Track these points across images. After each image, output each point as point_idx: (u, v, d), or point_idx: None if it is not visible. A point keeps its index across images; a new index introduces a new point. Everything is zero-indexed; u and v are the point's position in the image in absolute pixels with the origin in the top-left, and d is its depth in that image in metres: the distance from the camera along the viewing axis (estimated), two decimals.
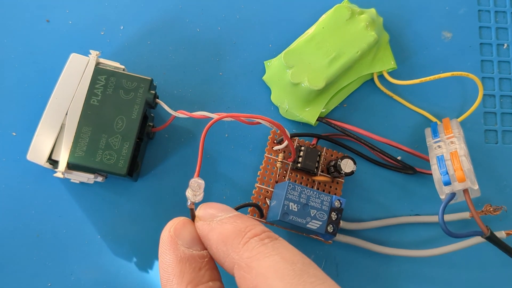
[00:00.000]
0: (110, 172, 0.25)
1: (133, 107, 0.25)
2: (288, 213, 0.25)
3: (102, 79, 0.25)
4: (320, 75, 0.27)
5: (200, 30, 0.31)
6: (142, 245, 0.28)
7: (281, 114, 0.30)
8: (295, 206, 0.25)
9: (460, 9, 0.32)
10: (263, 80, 0.30)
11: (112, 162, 0.25)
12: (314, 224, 0.25)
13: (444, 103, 0.31)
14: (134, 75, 0.26)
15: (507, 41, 0.32)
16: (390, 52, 0.30)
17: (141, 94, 0.25)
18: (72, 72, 0.26)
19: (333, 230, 0.25)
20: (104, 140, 0.25)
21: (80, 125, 0.25)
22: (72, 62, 0.26)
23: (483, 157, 0.31)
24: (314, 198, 0.25)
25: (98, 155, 0.25)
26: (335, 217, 0.25)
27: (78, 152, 0.25)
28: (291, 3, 0.31)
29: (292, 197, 0.25)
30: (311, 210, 0.25)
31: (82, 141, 0.25)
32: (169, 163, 0.29)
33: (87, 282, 0.27)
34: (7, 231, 0.27)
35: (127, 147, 0.25)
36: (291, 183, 0.25)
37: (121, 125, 0.25)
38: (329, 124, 0.29)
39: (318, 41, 0.28)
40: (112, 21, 0.30)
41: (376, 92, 0.31)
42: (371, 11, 0.30)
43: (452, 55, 0.32)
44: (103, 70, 0.26)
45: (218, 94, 0.30)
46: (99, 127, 0.25)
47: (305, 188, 0.25)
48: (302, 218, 0.25)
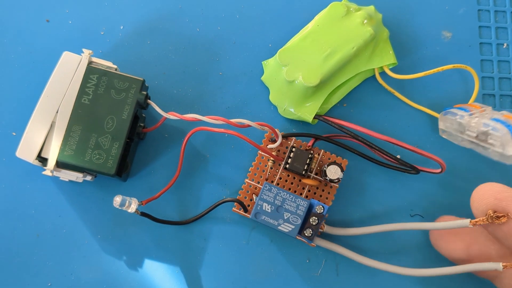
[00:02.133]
0: (98, 172, 0.25)
1: (124, 107, 0.25)
2: (261, 213, 0.25)
3: (94, 78, 0.25)
4: (315, 72, 0.27)
5: (200, 30, 0.31)
6: (142, 245, 0.28)
7: (280, 113, 0.30)
8: (269, 207, 0.25)
9: (460, 8, 0.32)
10: (262, 81, 0.30)
11: (101, 162, 0.25)
12: (286, 227, 0.25)
13: (446, 101, 0.31)
14: (126, 75, 0.26)
15: (507, 40, 0.32)
16: (390, 48, 0.30)
17: (132, 95, 0.25)
18: (64, 71, 0.25)
19: (311, 235, 0.25)
20: (94, 139, 0.25)
21: (71, 123, 0.25)
22: (64, 60, 0.26)
23: (483, 156, 0.31)
24: (290, 202, 0.25)
25: (88, 154, 0.25)
26: (315, 222, 0.25)
27: (68, 150, 0.25)
28: (291, 3, 0.31)
29: (267, 198, 0.25)
30: (285, 213, 0.25)
31: (72, 139, 0.25)
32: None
33: (87, 282, 0.27)
34: (7, 231, 0.27)
35: (116, 147, 0.25)
36: (268, 184, 0.26)
37: (112, 125, 0.25)
38: (326, 121, 0.28)
39: (313, 38, 0.28)
40: (112, 21, 0.30)
41: (377, 90, 0.31)
42: (369, 8, 0.30)
43: (452, 54, 0.32)
44: (95, 69, 0.26)
45: (218, 94, 0.30)
46: (89, 126, 0.25)
47: (281, 191, 0.26)
48: (274, 219, 0.25)
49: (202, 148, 0.29)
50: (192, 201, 0.28)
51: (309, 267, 0.28)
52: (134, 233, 0.28)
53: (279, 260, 0.28)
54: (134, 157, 0.28)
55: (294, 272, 0.28)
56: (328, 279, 0.28)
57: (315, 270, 0.28)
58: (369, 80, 0.31)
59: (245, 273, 0.28)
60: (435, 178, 0.30)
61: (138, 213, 0.25)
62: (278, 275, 0.28)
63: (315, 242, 0.27)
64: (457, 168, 0.30)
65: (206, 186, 0.29)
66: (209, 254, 0.28)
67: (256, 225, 0.28)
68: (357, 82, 0.30)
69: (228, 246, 0.28)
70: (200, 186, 0.29)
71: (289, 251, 0.28)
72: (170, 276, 0.28)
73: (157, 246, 0.28)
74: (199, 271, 0.28)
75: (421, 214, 0.29)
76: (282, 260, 0.28)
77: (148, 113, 0.29)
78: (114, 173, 0.25)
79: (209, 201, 0.28)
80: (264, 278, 0.28)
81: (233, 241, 0.28)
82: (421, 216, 0.29)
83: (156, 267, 0.28)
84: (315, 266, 0.28)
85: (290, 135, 0.28)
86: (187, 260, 0.28)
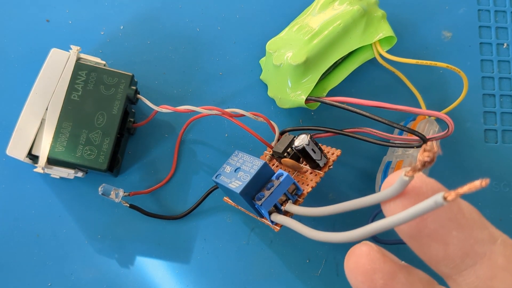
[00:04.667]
0: (90, 168, 0.25)
1: (114, 102, 0.25)
2: (221, 174, 0.25)
3: (82, 74, 0.26)
4: (301, 51, 0.27)
5: (200, 30, 0.31)
6: (142, 245, 0.28)
7: (278, 105, 0.29)
8: (229, 168, 0.25)
9: (460, 8, 0.32)
10: (261, 80, 0.30)
11: (93, 158, 0.25)
12: (235, 183, 0.23)
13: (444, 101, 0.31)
14: (115, 71, 0.26)
15: (507, 40, 0.32)
16: (386, 23, 0.28)
17: (122, 90, 0.26)
18: (53, 67, 0.26)
19: (261, 200, 0.22)
20: (85, 135, 0.25)
21: (61, 120, 0.25)
22: (53, 57, 0.26)
23: (483, 156, 0.31)
24: (248, 163, 0.24)
25: (79, 150, 0.25)
26: (285, 198, 0.23)
27: (59, 147, 0.25)
28: (292, 3, 0.31)
29: (232, 162, 0.25)
30: (240, 172, 0.24)
31: (62, 136, 0.25)
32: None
33: (87, 282, 0.27)
34: (7, 231, 0.27)
35: (107, 142, 0.25)
36: (239, 151, 0.25)
37: (102, 121, 0.25)
38: (321, 101, 0.26)
39: (300, 25, 0.28)
40: (112, 21, 0.30)
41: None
42: None
43: (452, 54, 0.32)
44: (84, 65, 0.26)
45: (218, 94, 0.30)
46: (79, 122, 0.25)
47: (246, 155, 0.25)
48: (228, 178, 0.24)
49: (197, 144, 0.29)
50: (187, 196, 0.28)
51: (309, 267, 0.28)
52: (134, 233, 0.28)
53: (279, 260, 0.28)
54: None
55: (294, 272, 0.28)
56: (328, 279, 0.28)
57: (315, 270, 0.28)
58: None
59: (245, 273, 0.28)
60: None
61: (127, 204, 0.26)
62: (278, 275, 0.28)
63: (274, 219, 0.23)
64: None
65: (201, 181, 0.29)
66: (209, 254, 0.28)
67: (256, 225, 0.28)
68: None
69: (228, 246, 0.28)
70: (195, 181, 0.29)
71: (289, 251, 0.28)
72: (171, 276, 0.28)
73: (157, 246, 0.28)
74: (199, 271, 0.28)
75: None
76: (282, 260, 0.28)
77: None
78: (106, 169, 0.25)
79: (211, 201, 0.28)
80: (264, 278, 0.28)
81: (233, 241, 0.28)
82: None
83: (157, 267, 0.28)
84: (315, 266, 0.28)
85: (287, 131, 0.28)
86: (187, 260, 0.28)
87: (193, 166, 0.29)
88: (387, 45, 0.29)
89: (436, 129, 0.28)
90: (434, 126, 0.28)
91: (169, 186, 0.28)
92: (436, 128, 0.28)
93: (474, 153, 0.30)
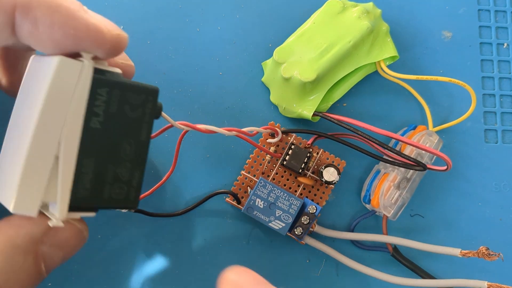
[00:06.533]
0: (120, 208, 0.20)
1: (141, 125, 0.20)
2: (253, 208, 0.25)
3: (103, 93, 0.19)
4: (311, 67, 0.27)
5: (200, 30, 0.31)
6: (143, 246, 0.28)
7: (280, 113, 0.30)
8: (262, 203, 0.26)
9: (460, 8, 0.32)
10: (263, 82, 0.30)
11: (122, 198, 0.20)
12: (277, 224, 0.25)
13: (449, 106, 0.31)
14: (139, 85, 0.20)
15: (507, 40, 0.32)
16: (390, 41, 0.29)
17: (150, 110, 0.20)
18: (62, 85, 0.18)
19: (301, 234, 0.26)
20: (111, 172, 0.19)
21: (81, 156, 0.18)
22: (61, 70, 0.17)
23: (483, 156, 0.31)
24: (283, 200, 0.26)
25: (106, 191, 0.19)
26: (307, 221, 0.26)
27: (81, 192, 0.19)
28: (292, 3, 0.31)
29: (261, 194, 0.26)
30: (277, 211, 0.25)
31: (85, 176, 0.19)
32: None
33: (87, 281, 0.27)
34: None
35: (137, 175, 0.20)
36: (263, 179, 0.26)
37: (129, 150, 0.20)
38: (326, 117, 0.28)
39: (310, 35, 0.28)
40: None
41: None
42: (367, 4, 0.29)
43: (452, 54, 0.32)
44: (103, 80, 0.19)
45: (218, 94, 0.30)
46: (104, 156, 0.19)
47: (276, 188, 0.26)
48: (266, 216, 0.26)
49: (197, 144, 0.29)
50: (187, 196, 0.28)
51: (309, 267, 0.28)
52: (134, 233, 0.28)
53: (279, 260, 0.28)
54: None
55: (294, 272, 0.28)
56: (328, 279, 0.28)
57: (315, 270, 0.28)
58: (371, 78, 0.31)
59: None
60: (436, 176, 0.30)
61: (132, 210, 0.25)
62: (278, 275, 0.28)
63: (304, 241, 0.27)
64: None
65: (201, 181, 0.29)
66: (209, 254, 0.28)
67: (256, 225, 0.28)
68: (358, 78, 0.30)
69: (228, 246, 0.28)
70: (195, 181, 0.29)
71: (289, 251, 0.28)
72: (171, 276, 0.28)
73: (157, 246, 0.28)
74: (199, 271, 0.28)
75: (422, 215, 0.29)
76: (282, 260, 0.28)
77: None
78: (137, 206, 0.21)
79: (214, 201, 0.28)
80: (264, 278, 0.28)
81: (233, 241, 0.28)
82: (421, 216, 0.30)
83: (157, 267, 0.28)
84: (315, 266, 0.28)
85: (290, 131, 0.28)
86: (187, 260, 0.28)
87: (193, 165, 0.29)
88: (389, 59, 0.30)
89: (435, 140, 0.28)
90: (433, 138, 0.29)
91: (169, 186, 0.28)
92: (435, 139, 0.28)
93: (474, 153, 0.30)
